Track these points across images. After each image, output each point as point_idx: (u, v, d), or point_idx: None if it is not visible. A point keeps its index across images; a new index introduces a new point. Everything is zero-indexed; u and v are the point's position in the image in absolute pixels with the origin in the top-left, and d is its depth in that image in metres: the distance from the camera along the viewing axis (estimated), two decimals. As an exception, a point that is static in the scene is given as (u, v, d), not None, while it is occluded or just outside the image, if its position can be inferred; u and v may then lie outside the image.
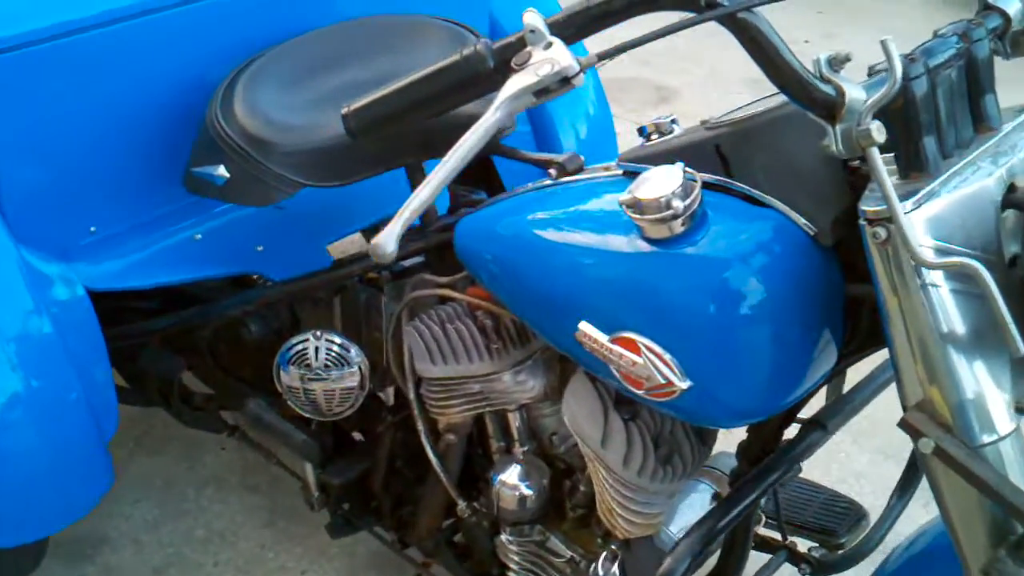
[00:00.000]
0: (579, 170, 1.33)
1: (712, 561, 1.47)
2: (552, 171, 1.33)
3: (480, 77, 0.94)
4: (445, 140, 1.48)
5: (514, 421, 1.51)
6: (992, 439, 0.88)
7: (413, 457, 1.69)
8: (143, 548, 2.09)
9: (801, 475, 1.39)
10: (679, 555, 1.15)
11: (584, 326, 1.13)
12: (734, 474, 1.36)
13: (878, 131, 0.83)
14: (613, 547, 1.40)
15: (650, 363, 1.07)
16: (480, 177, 1.91)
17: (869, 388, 1.36)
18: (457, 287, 1.50)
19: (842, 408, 1.33)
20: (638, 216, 1.05)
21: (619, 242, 1.10)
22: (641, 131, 1.22)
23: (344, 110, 1.02)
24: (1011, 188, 0.90)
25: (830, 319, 1.08)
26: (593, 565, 1.43)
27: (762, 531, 1.55)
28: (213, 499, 2.18)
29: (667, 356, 1.06)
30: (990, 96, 0.96)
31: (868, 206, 0.88)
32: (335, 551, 2.03)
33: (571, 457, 1.50)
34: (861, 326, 1.11)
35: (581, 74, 0.87)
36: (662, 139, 1.18)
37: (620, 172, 1.22)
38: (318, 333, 1.63)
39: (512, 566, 1.54)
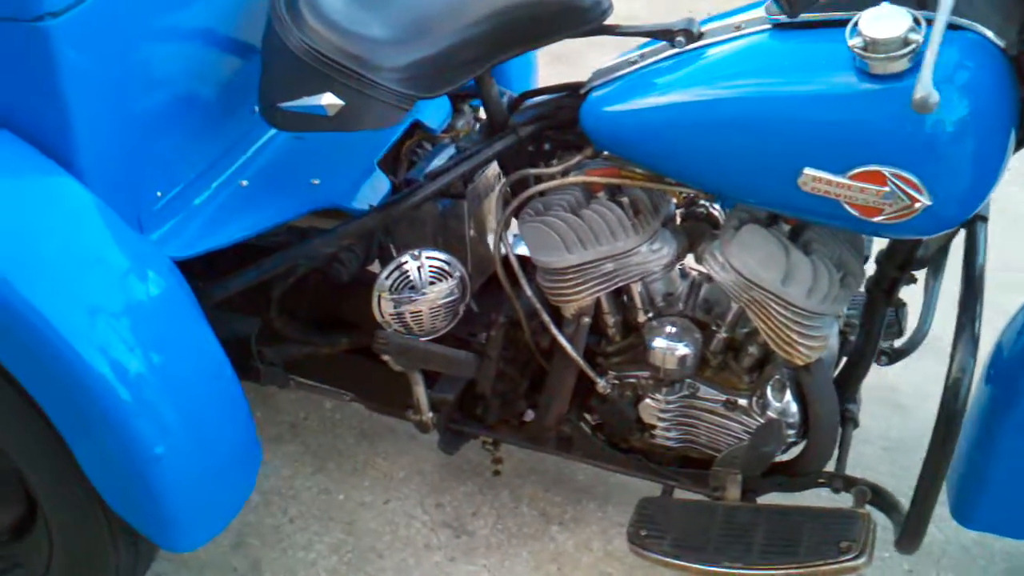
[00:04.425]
0: (701, 35, 1.40)
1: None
2: (680, 38, 1.39)
3: None
4: (514, 39, 1.50)
5: (637, 290, 1.59)
6: None
7: (521, 353, 1.72)
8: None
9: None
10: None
11: (810, 171, 1.23)
12: (875, 281, 1.51)
13: None
14: (777, 377, 1.53)
15: (897, 189, 1.19)
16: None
17: None
18: (571, 174, 1.53)
19: None
20: (872, 55, 1.14)
21: (846, 85, 1.19)
22: None
23: None
24: None
25: (1014, 120, 1.23)
26: (756, 399, 1.55)
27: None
28: (247, 461, 2.08)
29: (913, 179, 1.18)
30: None
31: None
32: (403, 474, 2.02)
33: (695, 311, 1.60)
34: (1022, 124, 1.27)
35: None
36: None
37: (770, 25, 1.31)
38: (415, 252, 1.61)
39: (660, 425, 1.63)
